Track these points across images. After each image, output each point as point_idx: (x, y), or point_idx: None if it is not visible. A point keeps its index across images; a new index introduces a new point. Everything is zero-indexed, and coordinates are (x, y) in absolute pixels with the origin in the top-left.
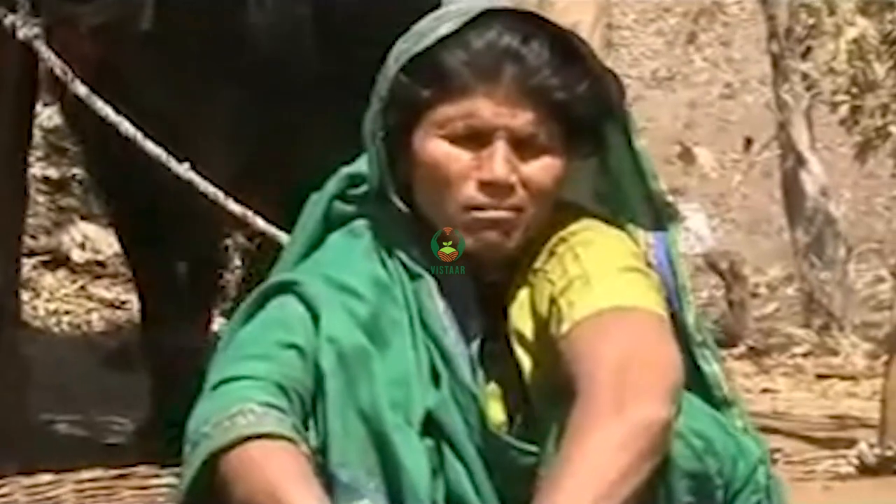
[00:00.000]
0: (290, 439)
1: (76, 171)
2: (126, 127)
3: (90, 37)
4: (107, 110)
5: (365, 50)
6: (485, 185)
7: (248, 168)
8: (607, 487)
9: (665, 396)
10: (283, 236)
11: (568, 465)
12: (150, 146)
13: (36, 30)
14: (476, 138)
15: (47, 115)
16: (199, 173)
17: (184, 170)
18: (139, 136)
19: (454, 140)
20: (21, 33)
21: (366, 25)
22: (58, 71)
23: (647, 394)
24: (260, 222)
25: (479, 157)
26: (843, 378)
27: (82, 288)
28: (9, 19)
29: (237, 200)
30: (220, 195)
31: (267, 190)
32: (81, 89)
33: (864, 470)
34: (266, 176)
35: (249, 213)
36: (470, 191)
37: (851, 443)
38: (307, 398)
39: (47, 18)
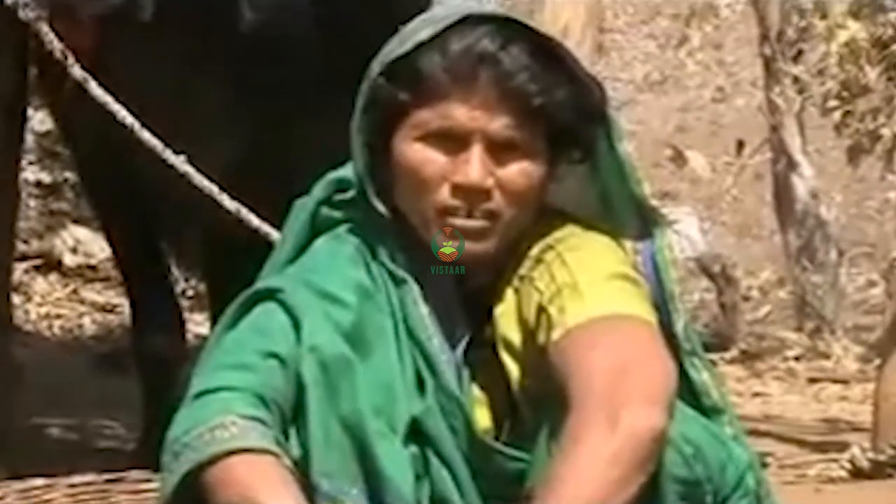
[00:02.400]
0: (272, 453)
1: (68, 175)
2: (123, 115)
3: (90, 26)
4: (105, 98)
5: (365, 42)
6: (459, 189)
7: (246, 163)
8: (599, 500)
9: (659, 406)
10: (276, 235)
11: (560, 476)
12: (147, 136)
13: (38, 11)
14: (453, 142)
15: (39, 119)
16: (195, 167)
17: (179, 162)
18: (136, 125)
19: (431, 144)
20: (23, 13)
21: (367, 17)
22: (57, 54)
23: (640, 404)
24: (254, 219)
25: (455, 160)
26: (834, 381)
27: (74, 292)
28: None
29: (233, 196)
30: (215, 190)
31: (264, 185)
32: (80, 74)
33: (857, 473)
34: (265, 171)
35: (244, 210)
36: (444, 194)
37: (843, 446)
38: (287, 409)
39: (49, 5)
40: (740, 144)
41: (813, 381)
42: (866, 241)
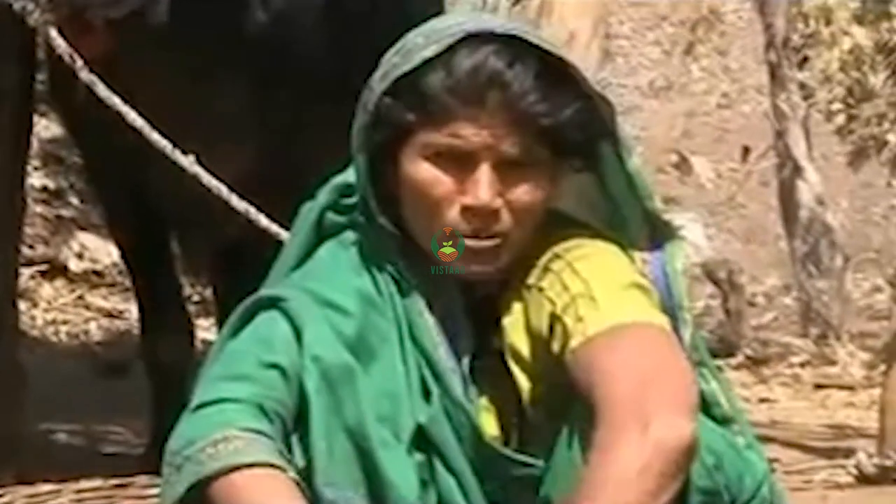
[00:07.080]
0: (277, 466)
1: (74, 180)
2: (133, 117)
3: (103, 31)
4: (114, 99)
5: (378, 44)
6: (469, 211)
7: (259, 166)
8: None
9: (687, 416)
10: (286, 235)
11: (590, 488)
12: (156, 137)
13: (47, 16)
14: (460, 162)
15: (45, 125)
16: (206, 170)
17: (189, 163)
18: (145, 127)
19: (438, 162)
20: (32, 19)
21: (379, 18)
22: (66, 58)
23: (669, 414)
24: (263, 220)
25: (463, 181)
26: (840, 388)
27: (80, 297)
28: (18, 4)
29: (244, 198)
30: (224, 190)
31: (277, 189)
32: (88, 77)
33: (863, 479)
34: (278, 174)
35: (252, 211)
36: (454, 215)
37: (849, 452)
38: (289, 419)
39: (61, 9)
40: (746, 150)
41: (819, 387)
42: (872, 247)
